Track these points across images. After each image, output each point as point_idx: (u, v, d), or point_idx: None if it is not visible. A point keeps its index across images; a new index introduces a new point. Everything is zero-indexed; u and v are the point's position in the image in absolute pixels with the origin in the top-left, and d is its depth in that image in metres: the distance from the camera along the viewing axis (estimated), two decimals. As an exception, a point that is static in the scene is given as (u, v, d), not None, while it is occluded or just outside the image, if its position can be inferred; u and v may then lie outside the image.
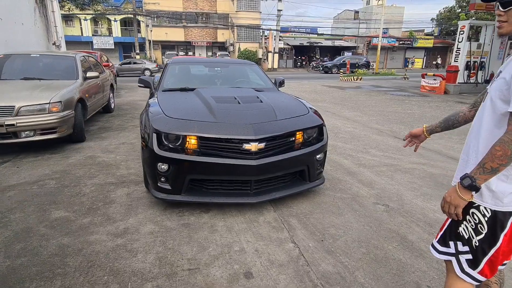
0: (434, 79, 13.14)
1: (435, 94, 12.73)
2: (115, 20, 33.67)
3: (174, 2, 32.51)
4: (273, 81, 4.59)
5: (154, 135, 2.77)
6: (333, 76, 23.25)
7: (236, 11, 34.07)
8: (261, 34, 34.54)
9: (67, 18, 32.77)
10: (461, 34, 12.19)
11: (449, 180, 3.82)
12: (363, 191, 3.46)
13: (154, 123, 2.84)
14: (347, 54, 37.54)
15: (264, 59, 33.00)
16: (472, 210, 1.28)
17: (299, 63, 36.69)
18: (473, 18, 27.53)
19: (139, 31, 32.20)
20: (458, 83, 12.66)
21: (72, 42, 32.20)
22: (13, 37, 9.92)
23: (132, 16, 28.97)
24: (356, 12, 43.93)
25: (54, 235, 2.48)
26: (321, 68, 28.52)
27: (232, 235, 2.57)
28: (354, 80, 19.48)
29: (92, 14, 25.43)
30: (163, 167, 2.76)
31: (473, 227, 1.25)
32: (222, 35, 35.17)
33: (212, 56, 34.94)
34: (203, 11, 34.26)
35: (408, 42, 38.61)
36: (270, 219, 2.83)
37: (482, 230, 1.23)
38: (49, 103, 4.29)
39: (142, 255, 2.27)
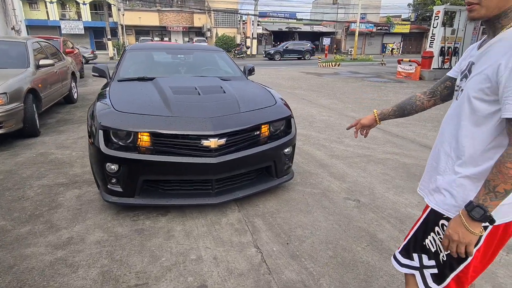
0: (410, 65, 13.19)
1: (410, 80, 12.81)
2: (84, 3, 31.85)
3: (147, -16, 31.07)
4: (242, 69, 4.31)
5: (101, 132, 2.46)
6: (312, 62, 23.06)
7: (212, -5, 33.00)
8: (239, 19, 33.73)
9: (31, 1, 30.79)
10: (436, 19, 12.20)
11: (422, 170, 3.72)
12: (334, 185, 3.30)
13: (100, 118, 2.53)
14: (326, 39, 37.41)
15: (243, 45, 32.32)
16: (442, 221, 1.13)
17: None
18: (448, 3, 27.89)
19: (110, 15, 30.62)
20: (433, 68, 12.74)
21: (37, 27, 30.36)
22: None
23: (102, -1, 27.41)
24: (335, -4, 43.54)
25: (-17, 250, 2.17)
26: (264, 55, 27.06)
27: (190, 241, 2.35)
28: (332, 66, 19.39)
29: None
30: (113, 167, 2.47)
31: (442, 240, 1.09)
32: (199, 20, 34.11)
33: (188, 41, 33.88)
34: (178, -6, 32.99)
35: (385, 27, 38.84)
36: (233, 221, 2.62)
37: None
38: (-9, 95, 3.84)
39: (84, 270, 2.01)
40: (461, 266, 1.10)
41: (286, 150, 2.96)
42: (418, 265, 1.21)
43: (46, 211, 2.69)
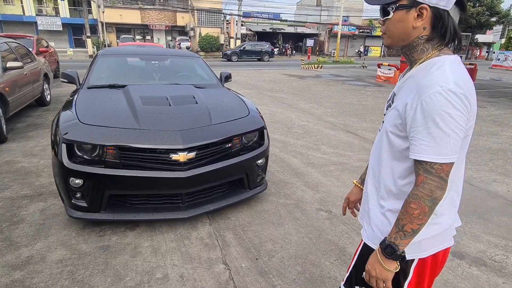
0: (389, 69, 13.47)
1: (389, 84, 13.07)
2: (62, -1, 30.83)
3: (128, -19, 30.41)
4: (219, 76, 4.26)
5: (64, 146, 2.37)
6: (295, 64, 23.19)
7: (196, -7, 32.65)
8: (223, 18, 33.54)
9: (5, -5, 29.53)
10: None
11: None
12: (308, 196, 3.31)
13: (64, 130, 2.43)
14: (309, 41, 37.73)
15: (226, 45, 32.19)
16: None
17: (262, 50, 36.17)
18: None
19: (90, 12, 29.81)
20: (411, 73, 13.05)
21: (12, 22, 29.23)
22: None
23: (81, -5, 26.63)
24: (319, -2, 43.95)
25: None
26: (222, 56, 26.20)
27: (157, 258, 2.29)
28: (315, 68, 19.57)
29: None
30: (77, 182, 2.39)
31: (364, 275, 1.10)
32: (182, 19, 33.64)
33: (171, 41, 33.42)
34: (160, -8, 32.44)
35: (367, 30, 39.52)
36: (203, 235, 2.58)
37: None
38: (-49, 101, 3.64)
39: (42, 293, 1.92)
40: None
41: (259, 162, 2.94)
42: None
43: (6, 227, 2.56)
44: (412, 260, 1.03)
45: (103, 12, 27.65)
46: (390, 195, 1.04)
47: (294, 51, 36.64)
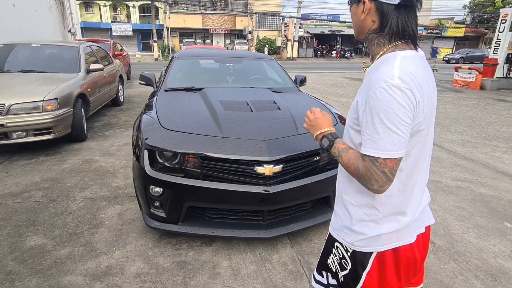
0: (469, 73, 12.04)
1: (469, 89, 11.68)
2: (133, 7, 33.37)
3: (192, -12, 31.83)
4: (294, 79, 3.97)
5: (146, 152, 2.25)
6: (355, 67, 22.13)
7: (255, -2, 33.01)
8: (281, 21, 33.40)
9: (87, 5, 32.82)
10: (503, 23, 10.99)
11: (505, 205, 3.15)
12: (399, 219, 2.84)
13: (146, 135, 2.32)
14: (371, 43, 35.85)
15: (283, 48, 31.98)
16: (336, 243, 1.13)
17: (319, 52, 35.40)
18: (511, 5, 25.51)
19: (157, 18, 31.75)
20: (497, 77, 11.52)
21: (91, 29, 32.28)
22: (27, 25, 9.59)
23: (150, 2, 28.48)
24: (382, -2, 41.69)
25: (21, 274, 2.04)
26: None
27: (237, 282, 2.05)
28: (378, 71, 18.37)
29: (109, 0, 25.13)
30: (157, 190, 2.25)
31: (338, 262, 1.13)
32: (241, 23, 34.29)
33: (230, 44, 34.19)
34: (222, -3, 33.41)
35: (436, 30, 36.47)
36: (286, 259, 2.29)
37: (346, 266, 1.09)
38: (43, 100, 3.85)
39: (122, 312, 1.78)
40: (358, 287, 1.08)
41: (347, 178, 2.57)
42: (326, 283, 1.23)
43: (86, 230, 2.54)
44: (371, 253, 1.03)
45: (169, 17, 29.28)
46: (350, 189, 1.05)
47: (353, 54, 35.16)
